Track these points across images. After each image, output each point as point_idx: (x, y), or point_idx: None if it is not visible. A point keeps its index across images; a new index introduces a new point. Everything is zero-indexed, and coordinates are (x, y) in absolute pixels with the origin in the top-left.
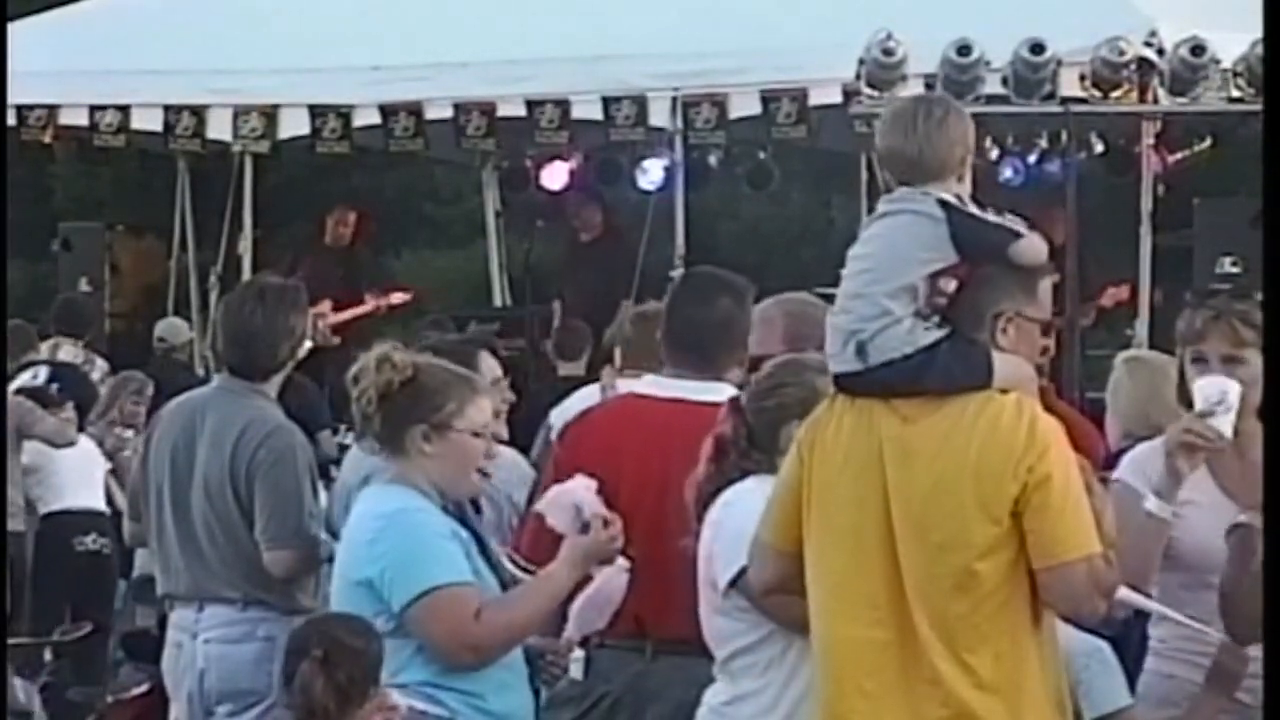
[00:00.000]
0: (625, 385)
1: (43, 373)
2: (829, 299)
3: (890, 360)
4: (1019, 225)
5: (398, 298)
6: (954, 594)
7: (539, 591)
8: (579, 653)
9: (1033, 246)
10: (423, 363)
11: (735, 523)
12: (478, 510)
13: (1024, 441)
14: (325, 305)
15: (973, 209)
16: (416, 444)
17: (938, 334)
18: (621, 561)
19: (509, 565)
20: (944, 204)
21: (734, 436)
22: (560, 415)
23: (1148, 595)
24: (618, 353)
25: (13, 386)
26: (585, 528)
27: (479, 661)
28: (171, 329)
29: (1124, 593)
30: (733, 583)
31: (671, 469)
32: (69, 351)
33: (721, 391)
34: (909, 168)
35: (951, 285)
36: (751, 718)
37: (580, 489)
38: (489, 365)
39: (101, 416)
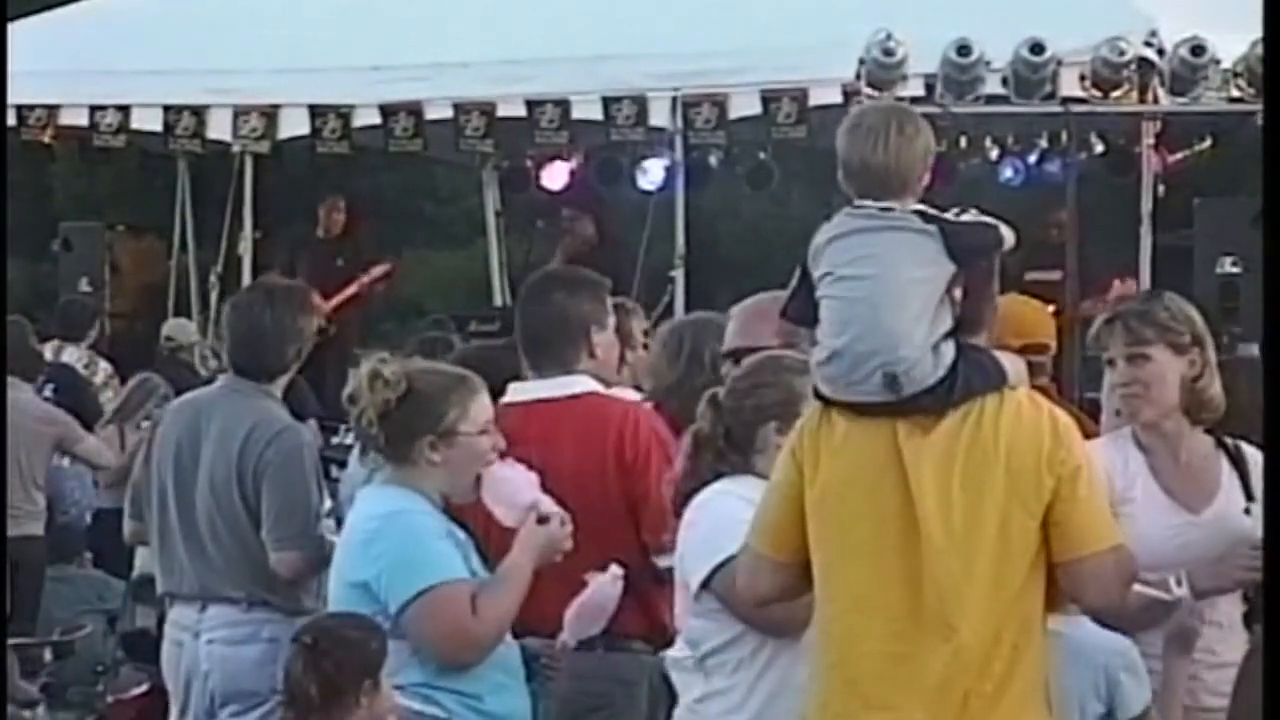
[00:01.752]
0: None
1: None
2: None
3: (926, 389)
4: (985, 217)
5: (377, 271)
6: (987, 594)
7: (516, 583)
8: None
9: (1009, 233)
10: (415, 372)
11: (707, 525)
12: None
13: (1049, 434)
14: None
15: (950, 215)
16: (425, 455)
17: (953, 347)
18: (615, 569)
19: None
20: (926, 217)
21: (712, 433)
22: None
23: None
24: None
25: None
26: (541, 520)
27: (478, 658)
28: (179, 329)
29: None
30: (705, 584)
31: (545, 469)
32: (71, 354)
33: (575, 384)
34: (877, 182)
35: (959, 294)
36: (721, 715)
37: (528, 487)
38: None
39: (125, 418)
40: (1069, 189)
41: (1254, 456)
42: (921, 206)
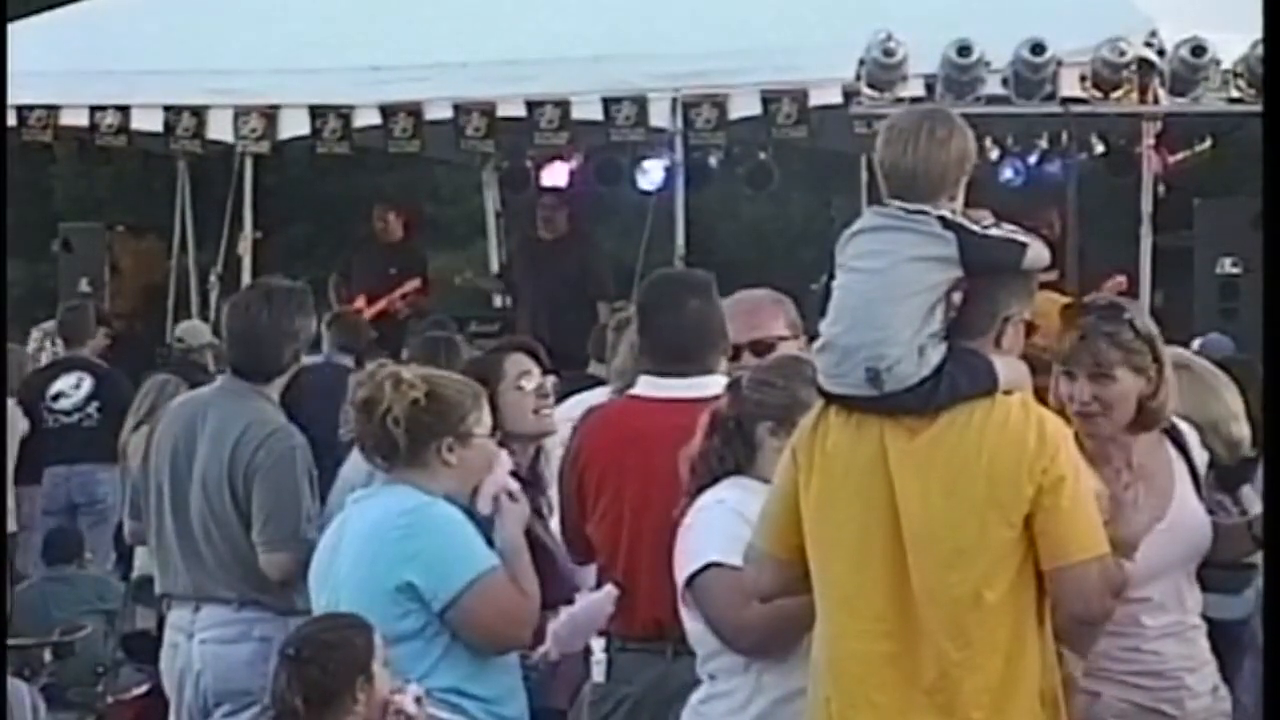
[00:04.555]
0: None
1: (86, 383)
2: None
3: (907, 387)
4: (1020, 234)
5: (408, 286)
6: (970, 600)
7: (527, 558)
8: (600, 655)
9: (1040, 253)
10: (433, 376)
11: (698, 534)
12: None
13: (1035, 443)
14: (360, 300)
15: (974, 226)
16: (440, 457)
17: (943, 349)
18: (609, 588)
19: None
20: (947, 223)
21: (728, 415)
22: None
23: None
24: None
25: (53, 389)
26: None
27: (529, 636)
28: (192, 331)
29: None
30: (687, 585)
31: (675, 469)
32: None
33: (713, 385)
34: (904, 184)
35: (959, 298)
36: (723, 715)
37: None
38: (516, 363)
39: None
40: (1069, 189)
41: (1187, 429)
42: (945, 212)
